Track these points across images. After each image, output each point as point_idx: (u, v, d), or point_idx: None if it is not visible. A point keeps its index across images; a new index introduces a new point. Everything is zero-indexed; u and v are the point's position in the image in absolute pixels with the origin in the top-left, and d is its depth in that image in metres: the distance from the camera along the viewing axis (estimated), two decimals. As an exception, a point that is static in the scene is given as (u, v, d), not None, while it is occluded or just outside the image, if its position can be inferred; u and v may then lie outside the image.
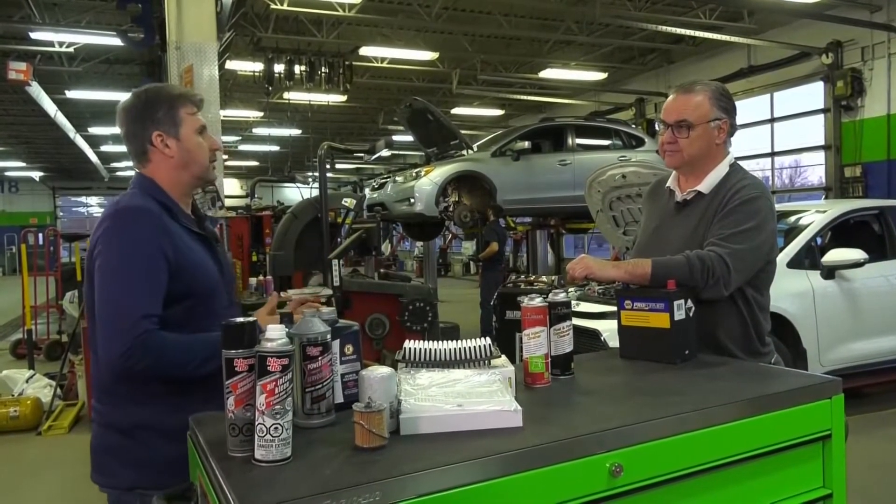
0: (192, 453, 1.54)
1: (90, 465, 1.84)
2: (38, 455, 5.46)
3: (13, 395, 6.31)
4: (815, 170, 13.88)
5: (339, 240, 6.99)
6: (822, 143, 12.24)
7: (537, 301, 1.77)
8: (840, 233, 6.18)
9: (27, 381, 6.54)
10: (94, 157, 21.99)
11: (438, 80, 15.60)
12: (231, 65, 12.39)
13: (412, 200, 8.65)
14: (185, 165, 1.86)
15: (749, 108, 13.38)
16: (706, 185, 2.19)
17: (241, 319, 1.37)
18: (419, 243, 18.45)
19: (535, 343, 1.74)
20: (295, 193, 23.75)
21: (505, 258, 11.28)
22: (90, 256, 1.76)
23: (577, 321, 4.31)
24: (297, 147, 22.72)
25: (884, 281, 5.71)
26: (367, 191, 11.09)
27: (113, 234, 1.72)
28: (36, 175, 30.25)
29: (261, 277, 6.68)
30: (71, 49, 11.59)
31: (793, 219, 5.98)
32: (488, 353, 1.69)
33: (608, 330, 4.70)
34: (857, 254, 5.33)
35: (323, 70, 12.42)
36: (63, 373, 6.73)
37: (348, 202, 7.17)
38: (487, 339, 1.75)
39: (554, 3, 11.41)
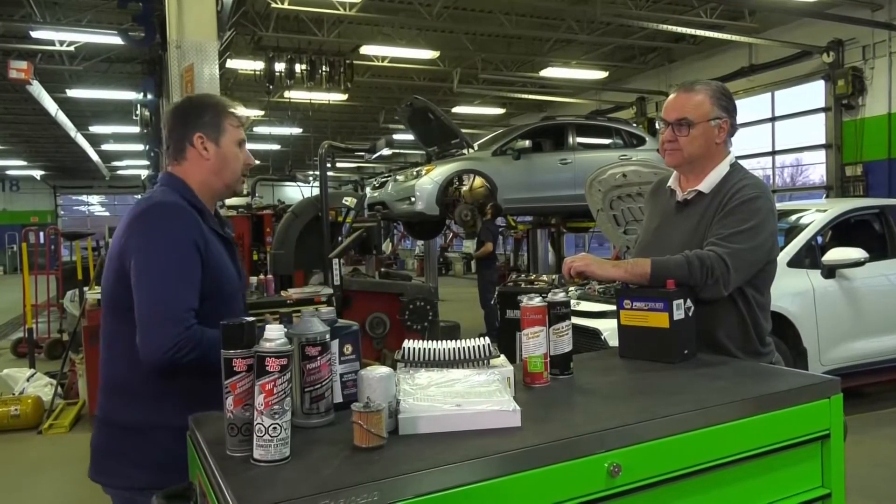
0: (191, 453, 1.54)
1: (90, 464, 1.82)
2: (39, 454, 5.47)
3: (14, 394, 6.32)
4: (816, 168, 13.90)
5: (339, 239, 7.00)
6: (823, 141, 12.24)
7: (536, 301, 1.77)
8: (841, 232, 6.17)
9: (28, 380, 6.55)
10: (94, 156, 22.01)
11: (439, 78, 15.59)
12: (232, 64, 12.39)
13: (413, 199, 8.65)
14: (217, 171, 1.90)
15: (750, 107, 13.38)
16: (706, 184, 2.20)
17: (239, 319, 1.37)
18: (420, 242, 18.44)
19: (534, 343, 1.75)
20: (296, 192, 23.81)
21: (498, 258, 11.30)
22: (119, 248, 1.77)
23: (577, 320, 4.32)
24: (297, 146, 22.74)
25: (884, 280, 5.71)
26: (367, 190, 11.10)
27: (150, 230, 1.75)
28: (37, 174, 30.28)
29: (261, 276, 6.68)
30: (71, 48, 11.60)
31: (793, 218, 5.97)
32: (487, 353, 1.69)
33: (608, 329, 4.69)
34: (857, 253, 5.32)
35: (324, 69, 12.42)
36: (64, 371, 6.74)
37: (349, 201, 7.17)
38: (486, 338, 1.75)
39: (555, 2, 11.40)
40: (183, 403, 1.70)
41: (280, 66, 12.25)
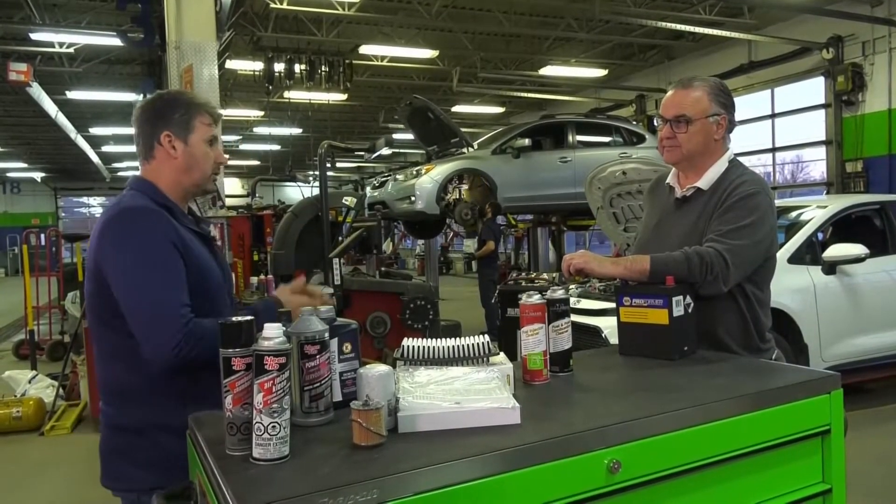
0: (191, 452, 1.54)
1: (100, 469, 1.82)
2: (41, 455, 5.47)
3: (16, 396, 6.32)
4: (816, 165, 13.86)
5: (339, 238, 7.00)
6: (823, 138, 12.22)
7: (535, 298, 1.77)
8: (841, 228, 6.17)
9: (30, 382, 6.55)
10: (95, 158, 22.01)
11: (439, 78, 15.58)
12: (231, 64, 12.38)
13: (413, 198, 8.64)
14: (186, 170, 1.87)
15: (750, 104, 13.36)
16: (705, 181, 2.20)
17: (238, 318, 1.37)
18: (420, 241, 18.45)
19: (534, 340, 1.74)
20: (296, 192, 23.80)
21: (499, 257, 11.33)
22: (93, 259, 1.76)
23: (578, 318, 4.32)
24: (297, 146, 22.73)
25: (885, 276, 5.70)
26: (367, 189, 11.09)
27: (124, 235, 1.72)
28: (37, 176, 30.29)
29: (262, 276, 6.69)
30: (71, 50, 11.60)
31: (794, 214, 5.97)
32: (487, 351, 1.69)
33: (609, 327, 4.69)
34: (858, 249, 5.31)
35: (323, 69, 12.41)
36: (65, 373, 6.75)
37: (349, 201, 7.17)
38: (486, 336, 1.75)
39: (554, 0, 11.39)
40: (182, 403, 1.70)
41: (279, 67, 12.25)
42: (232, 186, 26.45)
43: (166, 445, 1.68)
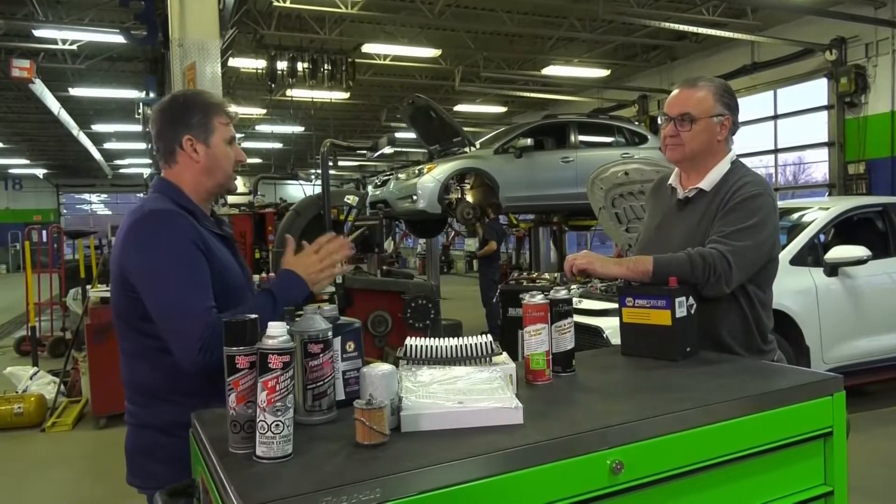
0: (194, 450, 1.54)
1: (126, 467, 1.83)
2: (42, 452, 5.48)
3: (17, 392, 6.33)
4: (818, 167, 13.86)
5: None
6: (825, 139, 12.21)
7: (538, 298, 1.77)
8: (843, 230, 6.16)
9: (31, 378, 6.56)
10: (97, 155, 22.03)
11: (441, 77, 15.58)
12: (234, 62, 12.39)
13: (415, 197, 8.65)
14: (209, 172, 1.88)
15: (752, 105, 13.35)
16: (708, 182, 2.19)
17: (242, 316, 1.37)
18: (422, 240, 18.45)
19: (537, 340, 1.74)
20: (297, 191, 23.82)
21: (500, 256, 11.33)
22: (118, 261, 1.76)
23: (579, 318, 4.32)
24: (299, 144, 22.74)
25: (887, 278, 5.70)
26: (369, 188, 11.09)
27: (148, 238, 1.73)
28: (40, 172, 30.33)
29: (263, 275, 6.69)
30: (74, 46, 11.60)
31: (796, 216, 5.96)
32: (489, 351, 1.69)
33: (610, 327, 4.70)
34: (860, 251, 5.31)
35: (325, 67, 12.42)
36: (67, 370, 6.75)
37: (351, 199, 7.18)
38: (488, 336, 1.75)
39: (557, 0, 11.39)
40: (206, 400, 1.70)
41: (282, 65, 12.25)
42: (234, 184, 26.34)
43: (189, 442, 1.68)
